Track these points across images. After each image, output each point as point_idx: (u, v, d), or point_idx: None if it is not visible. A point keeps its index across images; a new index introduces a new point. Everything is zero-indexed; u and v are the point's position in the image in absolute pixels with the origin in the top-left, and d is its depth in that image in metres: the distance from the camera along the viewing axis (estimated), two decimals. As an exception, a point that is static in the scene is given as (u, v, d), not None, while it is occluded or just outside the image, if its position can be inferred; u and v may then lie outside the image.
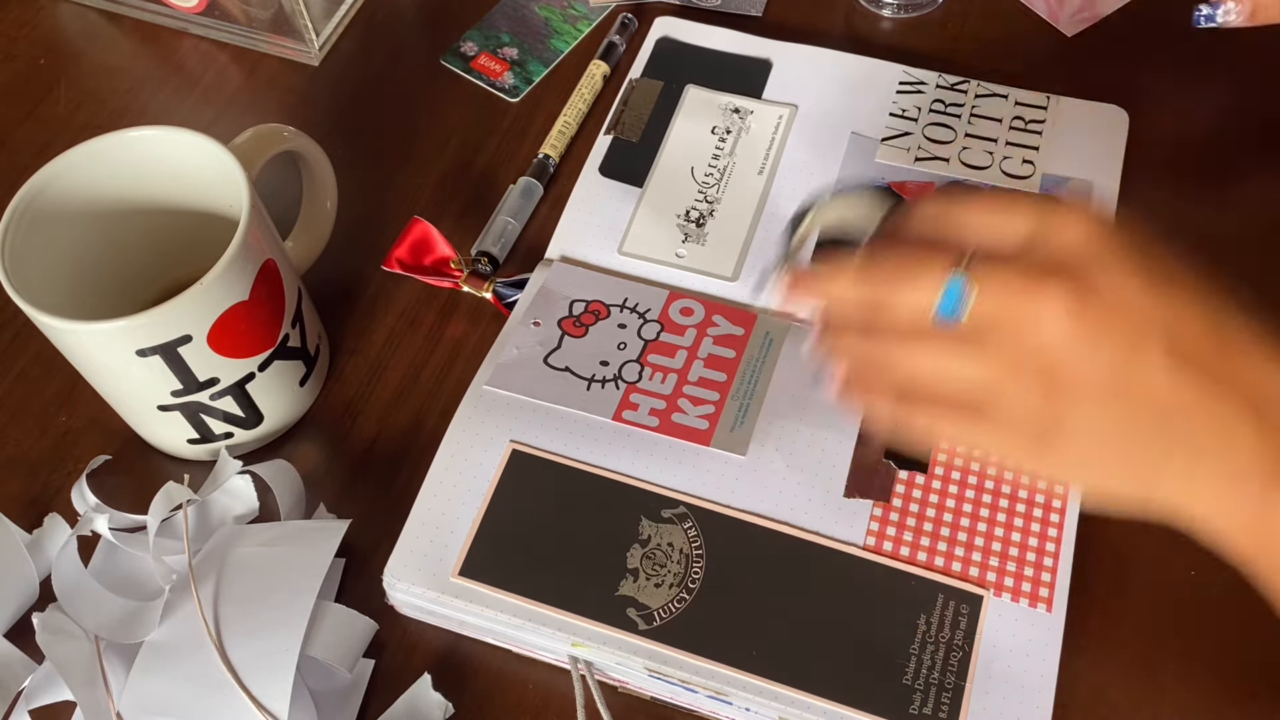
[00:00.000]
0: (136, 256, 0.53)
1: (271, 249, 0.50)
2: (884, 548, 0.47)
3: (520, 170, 0.62)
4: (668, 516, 0.48)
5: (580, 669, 0.46)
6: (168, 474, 0.52)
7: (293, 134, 0.53)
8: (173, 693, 0.44)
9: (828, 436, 0.49)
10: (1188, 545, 0.49)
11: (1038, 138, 0.59)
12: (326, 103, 0.66)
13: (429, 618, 0.48)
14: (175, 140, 0.50)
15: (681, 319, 0.54)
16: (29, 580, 0.50)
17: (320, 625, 0.45)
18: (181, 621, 0.45)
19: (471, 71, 0.67)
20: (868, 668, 0.44)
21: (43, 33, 0.70)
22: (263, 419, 0.53)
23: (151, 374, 0.48)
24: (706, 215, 0.58)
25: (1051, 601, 0.45)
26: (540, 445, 0.50)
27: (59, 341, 0.48)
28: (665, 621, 0.45)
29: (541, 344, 0.53)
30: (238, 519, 0.50)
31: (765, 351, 0.52)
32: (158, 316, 0.46)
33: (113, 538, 0.49)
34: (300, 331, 0.53)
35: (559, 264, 0.57)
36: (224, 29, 0.68)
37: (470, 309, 0.58)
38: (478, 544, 0.47)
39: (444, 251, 0.58)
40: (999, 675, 0.44)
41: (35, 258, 0.48)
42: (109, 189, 0.51)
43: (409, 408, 0.55)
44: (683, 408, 0.51)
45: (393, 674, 0.48)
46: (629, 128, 0.62)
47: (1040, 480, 0.48)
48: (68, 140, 0.50)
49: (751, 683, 0.44)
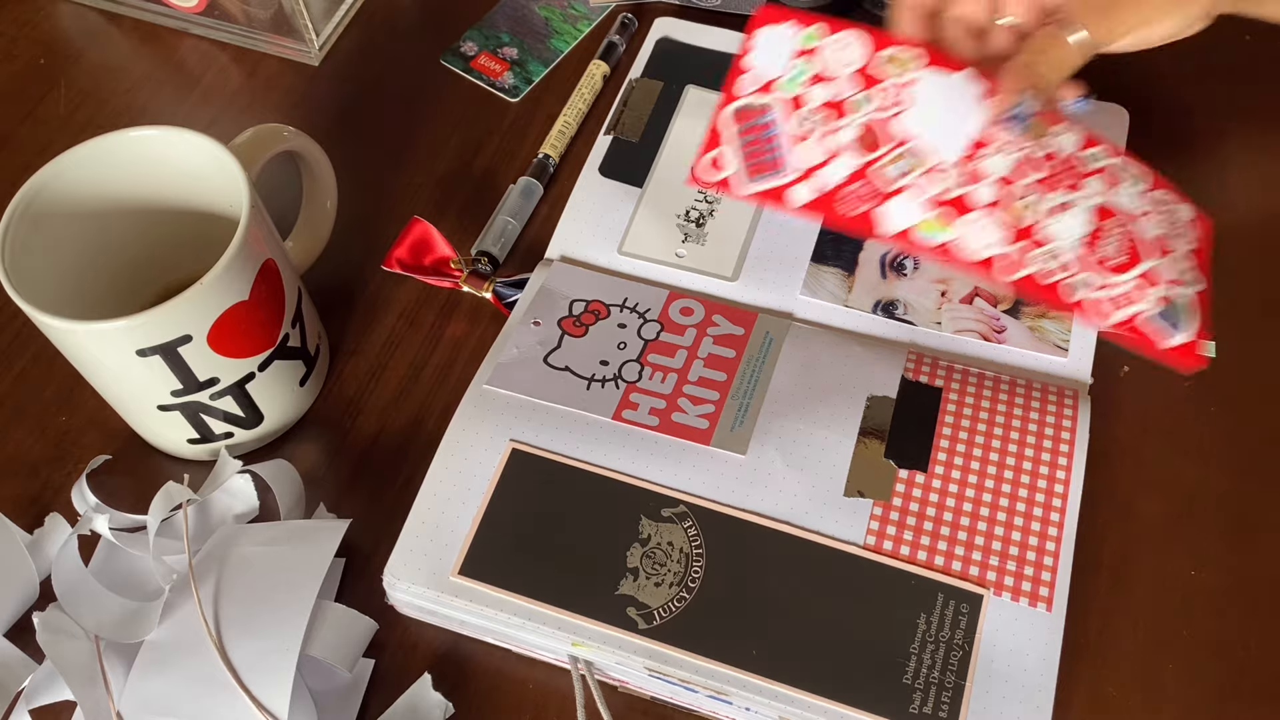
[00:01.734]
0: (136, 256, 0.53)
1: (271, 249, 0.50)
2: (884, 547, 0.47)
3: (520, 170, 0.62)
4: (668, 516, 0.48)
5: (580, 668, 0.46)
6: (168, 474, 0.52)
7: (293, 134, 0.53)
8: (173, 692, 0.44)
9: (828, 436, 0.50)
10: (1188, 545, 0.49)
11: None
12: (326, 103, 0.66)
13: (429, 617, 0.48)
14: (175, 140, 0.50)
15: (681, 319, 0.54)
16: (29, 580, 0.50)
17: (320, 625, 0.45)
18: (181, 621, 0.45)
19: (471, 71, 0.67)
20: (868, 667, 0.44)
21: (43, 33, 0.70)
22: (263, 419, 0.53)
23: (151, 374, 0.48)
24: (706, 215, 0.58)
25: (1051, 601, 0.45)
26: (540, 444, 0.50)
27: (59, 341, 0.48)
28: (665, 621, 0.45)
29: (541, 344, 0.53)
30: (238, 519, 0.50)
31: (765, 351, 0.52)
32: (158, 316, 0.46)
33: (113, 537, 0.49)
34: (300, 331, 0.53)
35: (559, 264, 0.57)
36: (224, 29, 0.68)
37: (470, 309, 0.58)
38: (478, 543, 0.48)
39: (444, 251, 0.58)
40: (999, 675, 0.44)
41: (35, 258, 0.48)
42: (109, 189, 0.51)
43: (409, 408, 0.55)
44: (683, 407, 0.51)
45: (393, 674, 0.48)
46: (629, 128, 0.62)
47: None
48: (68, 140, 0.50)
49: (751, 682, 0.44)
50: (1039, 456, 0.49)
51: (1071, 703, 0.45)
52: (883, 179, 0.48)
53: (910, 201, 0.48)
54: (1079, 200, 0.49)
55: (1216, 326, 0.54)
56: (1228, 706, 0.45)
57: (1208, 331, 0.50)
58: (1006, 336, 0.53)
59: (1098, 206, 0.49)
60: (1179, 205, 0.52)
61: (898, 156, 0.48)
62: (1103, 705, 0.46)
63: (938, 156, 0.49)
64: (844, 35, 0.51)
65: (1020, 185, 0.48)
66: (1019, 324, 0.54)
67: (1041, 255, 0.48)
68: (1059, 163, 0.49)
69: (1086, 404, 0.51)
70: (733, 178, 0.50)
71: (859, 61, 0.51)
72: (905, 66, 0.50)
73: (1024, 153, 0.49)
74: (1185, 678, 0.46)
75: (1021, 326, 0.54)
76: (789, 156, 0.49)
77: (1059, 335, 0.53)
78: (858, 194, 0.48)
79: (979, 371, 0.52)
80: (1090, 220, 0.49)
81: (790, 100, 0.50)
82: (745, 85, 0.51)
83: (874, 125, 0.49)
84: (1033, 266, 0.48)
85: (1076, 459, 0.49)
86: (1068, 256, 0.48)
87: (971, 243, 0.48)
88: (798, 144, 0.49)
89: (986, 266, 0.48)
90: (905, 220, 0.48)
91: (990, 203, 0.48)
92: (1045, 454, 0.49)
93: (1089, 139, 0.51)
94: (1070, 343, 0.53)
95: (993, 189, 0.48)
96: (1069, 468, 0.48)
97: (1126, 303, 0.48)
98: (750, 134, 0.50)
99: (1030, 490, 0.48)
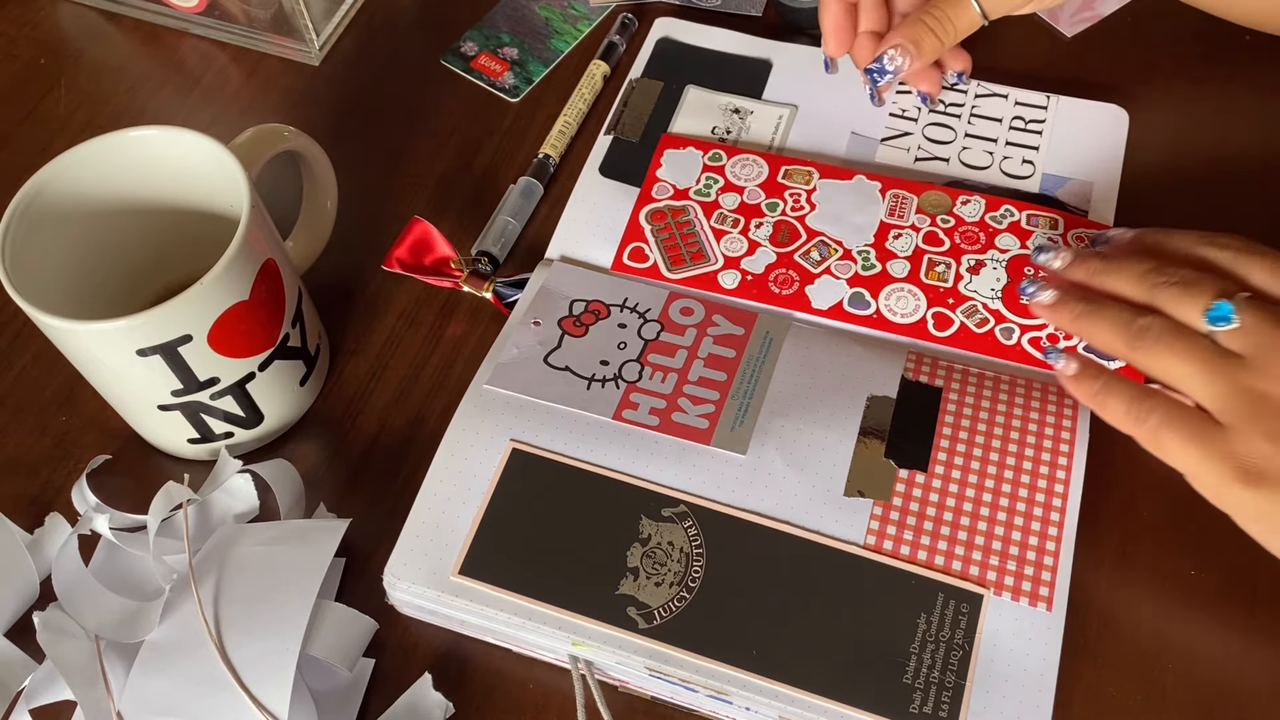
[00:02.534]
0: (136, 256, 0.53)
1: (271, 249, 0.50)
2: (884, 547, 0.47)
3: (520, 170, 0.62)
4: (668, 515, 0.48)
5: (580, 668, 0.46)
6: (168, 474, 0.52)
7: (293, 134, 0.53)
8: (173, 692, 0.44)
9: (828, 436, 0.50)
10: (1188, 545, 0.49)
11: (1038, 138, 0.59)
12: (327, 103, 0.66)
13: (429, 617, 0.48)
14: (175, 140, 0.50)
15: (681, 319, 0.54)
16: (29, 580, 0.50)
17: (320, 625, 0.45)
18: (181, 621, 0.45)
19: (471, 71, 0.67)
20: (868, 667, 0.44)
21: (43, 33, 0.70)
22: (263, 419, 0.53)
23: (152, 374, 0.48)
24: (706, 215, 0.58)
25: (1051, 601, 0.45)
26: (540, 444, 0.50)
27: (59, 341, 0.48)
28: (665, 620, 0.45)
29: (542, 343, 0.53)
30: (238, 518, 0.50)
31: (765, 351, 0.52)
32: (158, 316, 0.46)
33: (113, 537, 0.49)
34: (300, 331, 0.53)
35: (559, 264, 0.57)
36: (224, 29, 0.68)
37: (470, 309, 0.58)
38: (478, 543, 0.48)
39: (444, 251, 0.58)
40: (999, 674, 0.44)
41: (35, 257, 0.48)
42: (109, 189, 0.51)
43: (409, 407, 0.55)
44: (683, 407, 0.51)
45: (393, 674, 0.48)
46: (629, 128, 0.62)
47: (1227, 512, 0.44)
48: (68, 140, 0.51)
49: (751, 682, 0.44)
50: (1039, 456, 0.49)
51: (1071, 703, 0.45)
52: (805, 266, 0.55)
53: (834, 281, 0.54)
54: (993, 256, 0.54)
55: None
56: (1228, 706, 0.45)
57: None
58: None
59: (1011, 259, 0.54)
60: (1100, 234, 0.53)
61: (814, 247, 0.55)
62: (1103, 705, 0.46)
63: (849, 245, 0.55)
64: (744, 156, 0.59)
65: (931, 256, 0.55)
66: (1019, 324, 0.54)
67: (964, 310, 0.53)
68: (967, 229, 0.55)
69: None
70: (659, 267, 0.56)
71: (762, 176, 0.58)
72: (805, 178, 0.57)
73: (929, 226, 0.56)
74: (1185, 678, 0.46)
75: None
76: (712, 248, 0.56)
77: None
78: (786, 277, 0.55)
79: (979, 371, 0.52)
80: (1006, 275, 0.54)
81: (707, 205, 0.57)
82: (662, 191, 0.58)
83: (786, 224, 0.56)
84: (959, 323, 0.53)
85: (1076, 459, 0.49)
86: (994, 306, 0.53)
87: (897, 311, 0.53)
88: (721, 238, 0.56)
89: (921, 329, 0.53)
90: (834, 296, 0.54)
91: (905, 276, 0.54)
92: (1045, 454, 0.49)
93: (990, 202, 0.56)
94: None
95: (905, 264, 0.55)
96: (1069, 468, 0.48)
97: (1059, 339, 0.52)
98: (667, 231, 0.56)
99: (1030, 490, 0.48)
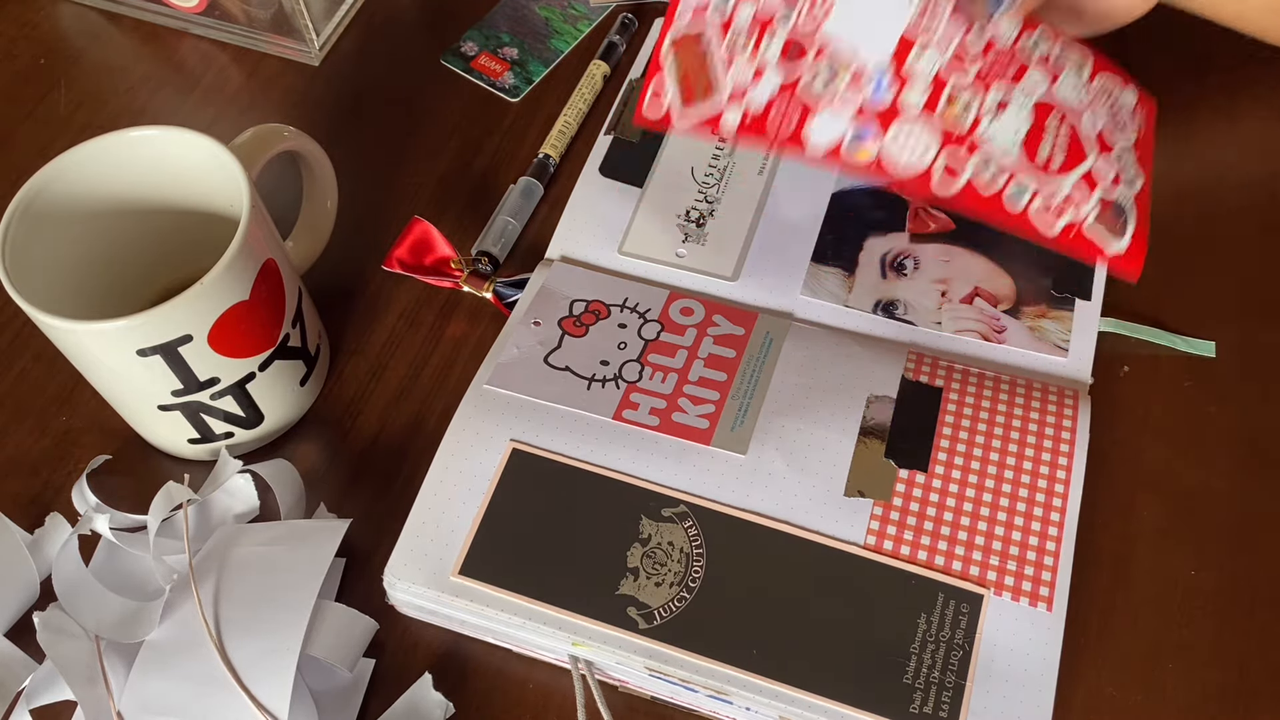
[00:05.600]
0: (136, 256, 0.53)
1: (272, 249, 0.50)
2: (884, 547, 0.47)
3: (520, 170, 0.62)
4: (668, 515, 0.48)
5: (580, 668, 0.46)
6: (168, 474, 0.52)
7: (293, 134, 0.53)
8: (173, 692, 0.44)
9: (828, 436, 0.50)
10: (1188, 545, 0.49)
11: None
12: (327, 103, 0.66)
13: (429, 617, 0.49)
14: (175, 140, 0.50)
15: (681, 319, 0.54)
16: (29, 580, 0.50)
17: (320, 625, 0.45)
18: (182, 621, 0.45)
19: (471, 71, 0.67)
20: (868, 667, 0.44)
21: (43, 33, 0.70)
22: (263, 419, 0.53)
23: (152, 374, 0.48)
24: (706, 215, 0.58)
25: (1051, 601, 0.45)
26: (541, 444, 0.50)
27: (59, 341, 0.48)
28: (666, 620, 0.45)
29: (542, 343, 0.53)
30: (238, 518, 0.50)
31: (765, 351, 0.52)
32: (158, 316, 0.46)
33: (113, 537, 0.49)
34: (300, 331, 0.53)
35: (559, 264, 0.57)
36: (224, 29, 0.68)
37: (470, 309, 0.58)
38: (478, 543, 0.48)
39: (444, 251, 0.58)
40: (999, 674, 0.44)
41: (35, 258, 0.48)
42: (109, 189, 0.51)
43: (409, 408, 0.55)
44: (683, 407, 0.51)
45: (393, 674, 0.48)
46: (629, 128, 0.62)
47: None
48: (68, 140, 0.51)
49: (752, 682, 0.44)
50: (1039, 456, 0.49)
51: (1071, 703, 0.45)
52: (808, 94, 0.46)
53: (836, 115, 0.46)
54: (1019, 97, 0.46)
55: (1216, 327, 0.54)
56: (1228, 706, 0.45)
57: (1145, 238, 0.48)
58: (1006, 336, 0.53)
59: (1037, 103, 0.46)
60: (1123, 90, 0.49)
61: (821, 69, 0.46)
62: (1103, 705, 0.46)
63: (861, 60, 0.46)
64: None
65: (955, 84, 0.46)
66: (1019, 324, 0.54)
67: (978, 161, 0.46)
68: (997, 54, 0.46)
69: (1086, 404, 0.51)
70: (672, 108, 0.49)
71: None
72: None
73: (959, 45, 0.46)
74: (1185, 678, 0.46)
75: (1021, 326, 0.54)
76: (721, 79, 0.48)
77: (1059, 335, 0.53)
78: (784, 112, 0.46)
79: (979, 371, 0.52)
80: (1030, 118, 0.46)
81: (721, 25, 0.48)
82: (681, 15, 0.49)
83: (798, 37, 0.47)
84: (969, 174, 0.46)
85: (1076, 459, 0.49)
86: (1006, 161, 0.46)
87: (903, 154, 0.46)
88: (729, 66, 0.48)
89: (925, 181, 0.47)
90: (833, 134, 0.47)
91: (923, 107, 0.46)
92: (1045, 454, 0.49)
93: (1028, 21, 0.47)
94: (1070, 343, 0.53)
95: (924, 92, 0.46)
96: (1069, 468, 0.48)
97: (1067, 208, 0.47)
98: (686, 60, 0.48)
99: (1030, 490, 0.48)
